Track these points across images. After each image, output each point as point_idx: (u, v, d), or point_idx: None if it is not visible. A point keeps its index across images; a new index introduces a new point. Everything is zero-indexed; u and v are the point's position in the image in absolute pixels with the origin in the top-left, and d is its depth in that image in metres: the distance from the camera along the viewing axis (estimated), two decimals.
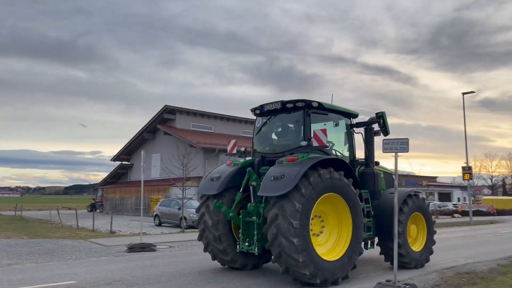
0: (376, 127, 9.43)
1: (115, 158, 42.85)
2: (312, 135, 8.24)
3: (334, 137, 9.17)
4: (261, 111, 9.13)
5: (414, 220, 9.69)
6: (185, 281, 7.92)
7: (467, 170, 29.96)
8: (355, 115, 9.51)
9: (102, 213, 40.57)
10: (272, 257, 7.60)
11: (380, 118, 9.17)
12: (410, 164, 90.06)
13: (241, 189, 8.67)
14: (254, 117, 9.53)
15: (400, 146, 7.31)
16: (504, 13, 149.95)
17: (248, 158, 9.25)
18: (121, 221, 26.88)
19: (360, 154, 9.56)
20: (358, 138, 9.55)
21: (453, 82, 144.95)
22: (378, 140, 9.24)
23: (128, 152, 42.20)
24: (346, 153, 9.24)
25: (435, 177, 75.33)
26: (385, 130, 9.23)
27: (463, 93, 31.02)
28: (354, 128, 9.43)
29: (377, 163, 9.65)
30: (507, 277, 8.30)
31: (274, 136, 9.28)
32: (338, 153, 9.08)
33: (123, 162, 43.12)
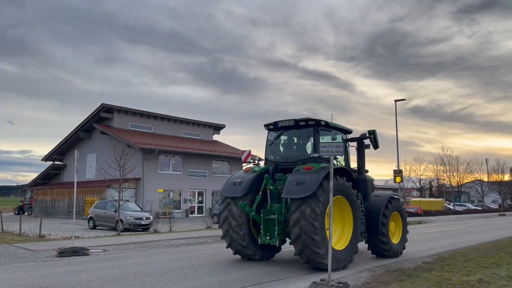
0: (367, 141, 10.97)
1: (46, 158, 40.77)
2: None
3: None
4: (275, 126, 10.63)
5: (393, 218, 11.39)
6: (119, 286, 7.65)
7: (398, 173, 31.56)
8: (350, 132, 11.13)
9: (31, 216, 38.27)
10: (294, 249, 9.03)
11: (372, 134, 10.82)
12: None
13: (260, 192, 10.04)
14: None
15: (335, 149, 7.78)
16: (433, 27, 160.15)
17: (262, 166, 10.67)
18: (52, 224, 25.50)
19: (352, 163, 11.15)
20: (352, 150, 11.25)
21: (387, 90, 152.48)
22: (368, 152, 11.22)
23: (61, 152, 40.29)
24: (343, 163, 10.67)
25: None
26: (375, 144, 10.87)
27: (396, 100, 32.89)
28: (349, 142, 11.04)
29: (366, 171, 11.13)
30: (431, 274, 8.81)
31: (286, 148, 10.73)
32: (338, 163, 10.36)
33: (56, 162, 41.07)
